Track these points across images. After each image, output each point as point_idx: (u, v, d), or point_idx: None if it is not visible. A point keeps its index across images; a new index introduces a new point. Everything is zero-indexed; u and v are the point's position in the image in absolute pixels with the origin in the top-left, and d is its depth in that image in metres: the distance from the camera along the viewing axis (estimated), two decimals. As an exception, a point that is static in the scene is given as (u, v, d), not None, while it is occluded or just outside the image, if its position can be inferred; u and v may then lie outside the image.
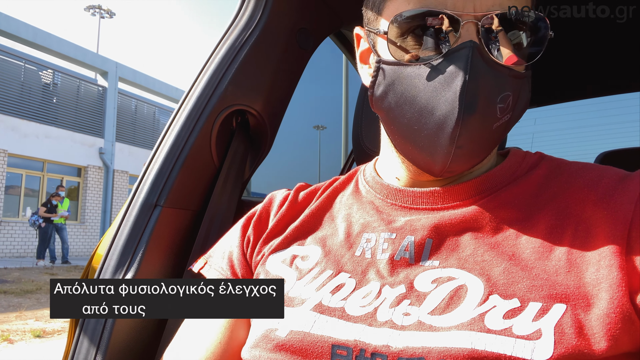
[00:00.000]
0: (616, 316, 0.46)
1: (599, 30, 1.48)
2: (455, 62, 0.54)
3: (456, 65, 0.53)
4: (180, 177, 0.95)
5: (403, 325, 0.51)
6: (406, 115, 0.58)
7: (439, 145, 0.55)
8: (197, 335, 0.68)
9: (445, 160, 0.56)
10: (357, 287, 0.58)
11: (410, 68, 0.57)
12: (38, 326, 4.83)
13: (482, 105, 0.54)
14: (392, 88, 0.59)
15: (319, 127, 4.05)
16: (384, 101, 0.61)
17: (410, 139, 0.58)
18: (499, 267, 0.52)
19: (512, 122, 0.59)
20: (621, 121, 4.00)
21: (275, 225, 0.71)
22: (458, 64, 0.53)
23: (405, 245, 0.59)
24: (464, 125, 0.53)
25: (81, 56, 14.94)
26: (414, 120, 0.57)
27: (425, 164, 0.59)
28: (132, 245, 0.89)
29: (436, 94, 0.55)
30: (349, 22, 1.26)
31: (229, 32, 1.05)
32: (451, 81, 0.54)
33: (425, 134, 0.56)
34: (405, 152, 0.61)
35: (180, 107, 1.00)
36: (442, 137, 0.55)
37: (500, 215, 0.57)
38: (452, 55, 0.54)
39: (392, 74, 0.59)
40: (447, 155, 0.56)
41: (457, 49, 0.54)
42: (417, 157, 0.60)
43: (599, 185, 0.56)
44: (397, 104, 0.59)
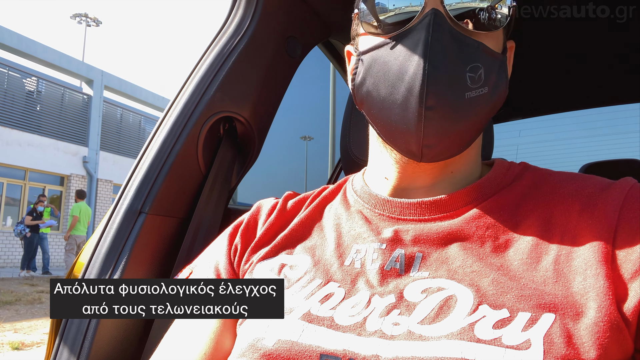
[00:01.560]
0: (605, 325, 0.46)
1: (585, 41, 1.50)
2: (420, 29, 0.57)
3: (421, 31, 0.56)
4: (166, 184, 0.93)
5: (392, 335, 0.51)
6: (382, 91, 0.59)
7: (410, 109, 0.56)
8: (182, 346, 0.66)
9: (418, 125, 0.56)
10: (346, 296, 0.57)
11: (382, 48, 0.60)
12: (16, 338, 4.71)
13: (447, 66, 0.56)
14: (369, 72, 0.61)
15: (306, 138, 4.06)
16: (363, 87, 0.62)
17: (388, 116, 0.60)
18: (488, 278, 0.52)
19: (488, 102, 0.60)
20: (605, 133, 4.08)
21: (264, 234, 0.71)
22: (422, 29, 0.56)
23: (395, 256, 0.58)
24: (431, 83, 0.55)
25: (66, 64, 14.81)
26: (388, 93, 0.59)
27: (404, 141, 0.59)
28: (115, 253, 0.87)
29: (404, 61, 0.57)
30: (337, 31, 1.26)
31: (217, 38, 1.04)
32: (416, 45, 0.56)
33: (398, 102, 0.57)
34: (386, 134, 0.62)
35: (167, 113, 0.99)
36: (412, 99, 0.56)
37: (487, 227, 0.58)
38: (418, 24, 0.57)
39: (369, 59, 0.61)
40: (418, 117, 0.56)
41: (422, 17, 0.57)
42: (396, 135, 0.60)
43: (583, 195, 0.57)
44: (374, 84, 0.61)
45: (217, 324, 0.66)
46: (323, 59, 1.65)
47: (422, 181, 0.64)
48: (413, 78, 0.55)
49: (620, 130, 3.99)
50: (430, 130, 0.56)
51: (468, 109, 0.57)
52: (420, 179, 0.64)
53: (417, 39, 0.56)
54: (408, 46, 0.57)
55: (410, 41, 0.57)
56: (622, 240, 0.51)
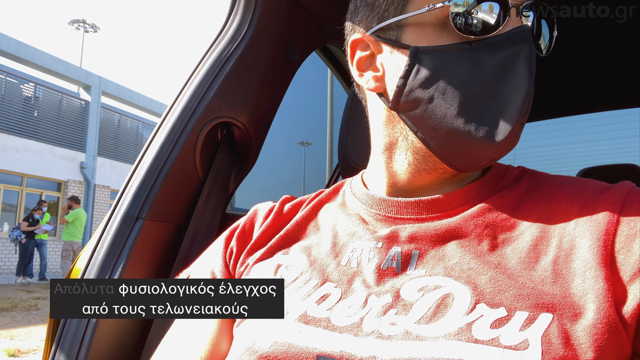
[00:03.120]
0: (603, 327, 0.46)
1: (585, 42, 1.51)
2: (519, 42, 0.56)
3: (521, 45, 0.55)
4: (163, 190, 0.93)
5: (390, 335, 0.50)
6: (458, 99, 0.57)
7: (504, 124, 0.56)
8: (178, 350, 0.66)
9: (506, 140, 0.56)
10: (342, 296, 0.57)
11: (461, 51, 0.57)
12: (13, 345, 4.68)
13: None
14: (437, 73, 0.58)
15: (304, 143, 4.06)
16: (423, 89, 0.58)
17: (460, 125, 0.57)
18: (485, 276, 0.52)
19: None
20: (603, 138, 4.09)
21: (260, 237, 0.71)
22: (522, 44, 0.55)
23: (392, 255, 0.58)
24: (530, 101, 0.55)
25: (64, 70, 14.82)
26: (469, 103, 0.56)
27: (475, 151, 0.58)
28: (112, 259, 0.86)
29: (500, 73, 0.55)
30: (334, 37, 1.27)
31: (215, 44, 1.05)
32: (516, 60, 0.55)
33: (486, 114, 0.56)
34: (444, 143, 0.59)
35: (165, 118, 0.99)
36: (508, 114, 0.55)
37: (485, 225, 0.58)
38: (514, 36, 0.56)
39: (438, 59, 0.58)
40: (510, 134, 0.56)
41: (519, 30, 0.56)
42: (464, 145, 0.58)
43: (581, 198, 0.57)
44: (444, 90, 0.57)
45: (214, 326, 0.66)
46: (321, 65, 1.65)
47: (428, 185, 0.64)
48: (515, 93, 0.55)
49: (618, 135, 4.01)
50: (511, 145, 0.57)
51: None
52: (428, 183, 0.64)
53: (517, 52, 0.55)
54: (504, 57, 0.56)
55: (507, 52, 0.56)
56: (621, 243, 0.51)
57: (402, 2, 0.61)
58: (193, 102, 0.99)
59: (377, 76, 0.64)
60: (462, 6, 0.57)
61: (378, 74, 0.64)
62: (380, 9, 0.63)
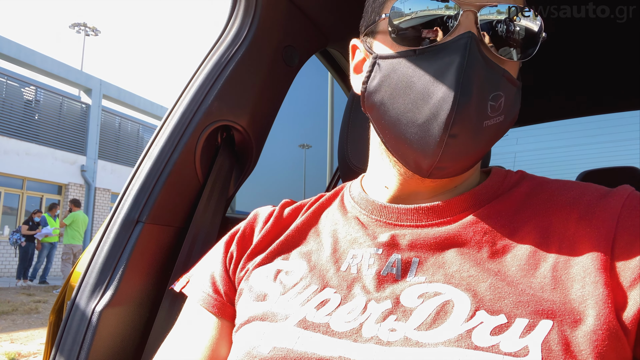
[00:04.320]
0: (603, 333, 0.46)
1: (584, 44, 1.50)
2: (454, 51, 0.55)
3: (455, 54, 0.54)
4: (163, 193, 0.93)
5: (389, 341, 0.50)
6: (399, 106, 0.58)
7: (431, 133, 0.55)
8: (178, 356, 0.66)
9: (437, 151, 0.55)
10: (342, 302, 0.57)
11: (407, 59, 0.58)
12: (13, 349, 4.67)
13: (475, 95, 0.54)
14: (386, 80, 0.59)
15: (304, 146, 4.06)
16: (377, 94, 0.60)
17: (402, 130, 0.58)
18: (485, 283, 0.52)
19: (501, 128, 0.59)
20: (603, 141, 4.09)
21: (260, 241, 0.70)
22: (456, 52, 0.54)
23: (392, 261, 0.58)
24: (459, 112, 0.53)
25: (65, 73, 14.83)
26: (407, 110, 0.57)
27: (415, 159, 0.58)
28: (112, 263, 0.86)
29: (432, 81, 0.55)
30: (334, 40, 1.27)
31: (215, 47, 1.05)
32: (448, 68, 0.54)
33: (419, 122, 0.56)
34: (395, 148, 0.61)
35: (165, 122, 0.99)
36: (435, 124, 0.55)
37: (484, 232, 0.57)
38: (451, 44, 0.55)
39: (388, 66, 0.59)
40: (439, 144, 0.55)
41: (457, 39, 0.55)
42: (407, 152, 0.59)
43: (581, 203, 0.57)
44: (390, 96, 0.59)
45: (214, 331, 0.66)
46: (321, 68, 1.65)
47: (423, 192, 0.64)
48: (441, 103, 0.54)
49: (618, 137, 4.01)
50: (447, 155, 0.56)
51: (484, 137, 0.57)
52: (422, 190, 0.64)
53: (449, 61, 0.54)
54: (438, 66, 0.55)
55: (441, 62, 0.55)
56: (620, 248, 0.51)
57: (378, 10, 0.63)
58: (193, 106, 0.99)
59: (365, 70, 0.65)
60: (401, 17, 0.58)
61: (362, 78, 0.65)
62: (367, 15, 0.66)
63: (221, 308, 0.67)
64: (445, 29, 0.56)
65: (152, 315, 0.91)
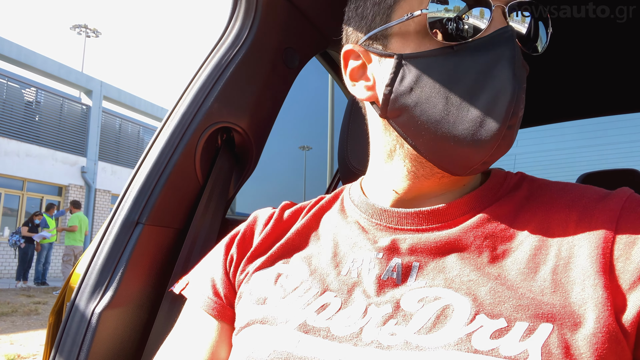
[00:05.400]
0: (603, 336, 0.46)
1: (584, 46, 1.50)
2: (501, 44, 0.55)
3: (503, 47, 0.54)
4: (163, 195, 0.93)
5: (389, 345, 0.50)
6: (441, 104, 0.56)
7: (489, 126, 0.55)
8: (178, 357, 0.66)
9: (493, 144, 0.55)
10: (342, 306, 0.57)
11: (445, 56, 0.57)
12: (13, 350, 4.67)
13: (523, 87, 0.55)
14: (421, 79, 0.57)
15: (304, 148, 4.07)
16: (409, 96, 0.58)
17: (448, 129, 0.57)
18: (485, 287, 0.52)
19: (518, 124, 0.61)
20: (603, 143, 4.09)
21: (261, 244, 0.70)
22: (505, 45, 0.55)
23: (392, 266, 0.58)
24: (517, 103, 0.54)
25: (65, 75, 14.85)
26: (454, 107, 0.56)
27: (464, 156, 0.57)
28: (111, 264, 0.86)
29: (483, 75, 0.55)
30: (335, 42, 1.27)
31: (215, 49, 1.05)
32: (499, 61, 0.54)
33: (471, 117, 0.55)
34: (433, 149, 0.59)
35: (165, 123, 0.99)
36: (494, 116, 0.54)
37: (485, 236, 0.57)
38: (496, 38, 0.55)
39: (421, 65, 0.58)
40: (497, 136, 0.55)
41: (501, 32, 0.55)
42: (452, 150, 0.58)
43: (580, 205, 0.57)
44: (428, 95, 0.57)
45: (214, 334, 0.66)
46: (322, 69, 1.66)
47: (429, 193, 0.64)
48: (500, 95, 0.54)
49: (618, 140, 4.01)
50: (500, 148, 0.56)
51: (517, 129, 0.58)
52: (429, 190, 0.64)
53: (499, 54, 0.54)
54: (486, 59, 0.55)
55: (489, 55, 0.55)
56: (619, 251, 0.51)
57: (387, 12, 0.62)
58: (193, 107, 0.99)
59: (368, 85, 0.64)
60: (440, 13, 0.57)
61: (369, 83, 0.64)
62: (368, 19, 0.64)
63: (221, 311, 0.67)
64: (480, 24, 0.56)
65: (151, 317, 0.91)
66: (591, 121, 2.07)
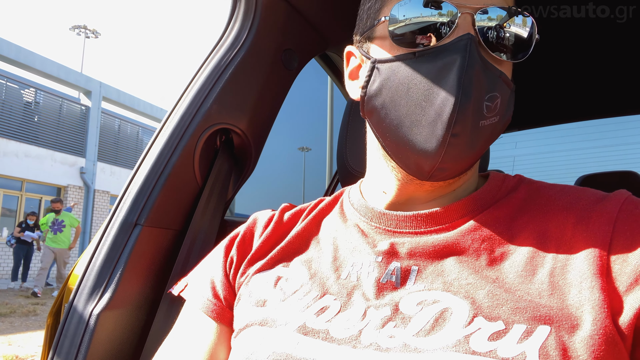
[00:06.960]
0: (600, 338, 0.46)
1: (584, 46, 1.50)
2: (454, 52, 0.55)
3: (455, 55, 0.55)
4: (162, 196, 0.93)
5: (388, 348, 0.50)
6: (401, 108, 0.58)
7: (435, 133, 0.56)
8: (176, 359, 0.66)
9: (439, 151, 0.56)
10: (341, 309, 0.57)
11: (406, 62, 0.58)
12: (11, 351, 4.66)
13: (475, 94, 0.55)
14: (387, 83, 0.60)
15: (303, 149, 4.07)
16: (377, 98, 0.61)
17: (404, 133, 0.58)
18: (483, 290, 0.52)
19: (496, 129, 0.60)
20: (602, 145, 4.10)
21: (261, 247, 0.70)
22: (457, 53, 0.55)
23: (391, 269, 0.58)
24: (460, 111, 0.54)
25: (65, 75, 14.84)
26: (409, 112, 0.57)
27: (417, 161, 0.58)
28: (110, 266, 0.86)
29: (433, 82, 0.56)
30: (334, 44, 1.27)
31: (214, 51, 1.05)
32: (449, 69, 0.55)
33: (422, 123, 0.56)
34: (395, 151, 0.61)
35: (164, 124, 0.99)
36: (439, 124, 0.55)
37: (483, 240, 0.58)
38: (451, 46, 0.56)
39: (388, 70, 0.60)
40: (442, 144, 0.55)
41: (457, 40, 0.56)
42: (408, 154, 0.59)
43: (577, 207, 0.57)
44: (391, 99, 0.59)
45: (212, 336, 0.66)
46: (321, 71, 1.66)
47: (421, 196, 0.64)
48: (444, 103, 0.54)
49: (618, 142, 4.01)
50: (449, 155, 0.56)
51: (481, 137, 0.58)
52: (420, 194, 0.64)
53: (450, 62, 0.55)
54: (439, 67, 0.56)
55: (442, 63, 0.56)
56: (616, 253, 0.51)
57: (374, 16, 0.64)
58: (192, 109, 0.99)
59: (359, 85, 0.65)
60: (401, 19, 0.59)
61: (360, 83, 0.66)
62: (362, 22, 0.67)
63: (220, 313, 0.67)
64: (444, 31, 0.57)
65: (149, 319, 0.91)
66: (590, 123, 2.07)
